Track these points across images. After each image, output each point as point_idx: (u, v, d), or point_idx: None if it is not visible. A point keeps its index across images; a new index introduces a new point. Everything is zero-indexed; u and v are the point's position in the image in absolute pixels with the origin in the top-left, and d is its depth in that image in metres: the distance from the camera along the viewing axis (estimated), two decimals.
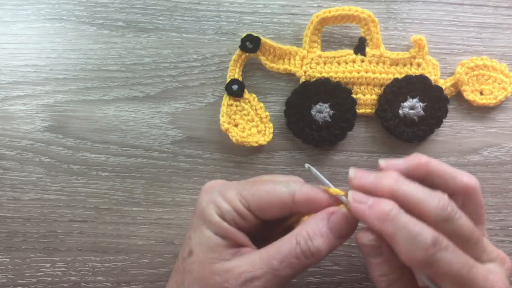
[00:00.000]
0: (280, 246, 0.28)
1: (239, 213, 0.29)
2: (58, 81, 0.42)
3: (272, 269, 0.27)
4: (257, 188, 0.29)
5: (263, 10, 0.43)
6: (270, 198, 0.29)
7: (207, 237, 0.28)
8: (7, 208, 0.42)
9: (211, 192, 0.30)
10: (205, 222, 0.29)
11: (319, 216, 0.29)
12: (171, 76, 0.42)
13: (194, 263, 0.28)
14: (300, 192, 0.29)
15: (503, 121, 0.43)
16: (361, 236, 0.28)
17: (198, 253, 0.28)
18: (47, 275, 0.42)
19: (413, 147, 0.43)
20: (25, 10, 0.42)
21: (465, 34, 0.43)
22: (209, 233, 0.28)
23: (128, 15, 0.42)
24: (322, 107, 0.41)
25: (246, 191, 0.29)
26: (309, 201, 0.29)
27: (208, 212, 0.29)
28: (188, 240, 0.30)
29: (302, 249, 0.28)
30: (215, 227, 0.28)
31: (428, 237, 0.25)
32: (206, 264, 0.28)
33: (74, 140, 0.42)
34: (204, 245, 0.28)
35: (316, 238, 0.28)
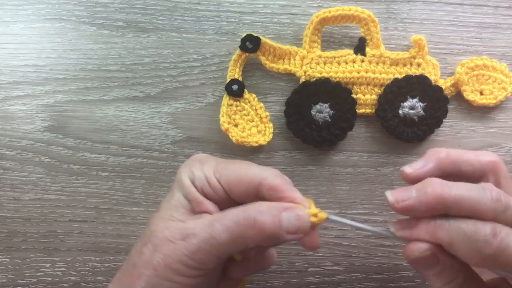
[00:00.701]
0: (227, 211, 0.28)
1: (209, 182, 0.29)
2: (58, 81, 0.42)
3: (211, 230, 0.27)
4: (233, 165, 0.30)
5: (263, 10, 0.43)
6: (239, 176, 0.29)
7: (176, 198, 0.30)
8: (7, 208, 0.42)
9: (192, 160, 0.31)
10: (178, 185, 0.30)
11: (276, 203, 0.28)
12: (171, 76, 0.42)
13: (155, 218, 0.29)
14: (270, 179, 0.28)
15: (503, 121, 0.43)
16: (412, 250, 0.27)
17: (163, 209, 0.30)
18: (47, 275, 0.42)
19: (413, 147, 0.43)
20: (25, 10, 0.42)
21: (465, 34, 0.43)
22: (179, 194, 0.30)
23: (128, 15, 0.42)
24: (322, 107, 0.41)
25: (222, 165, 0.30)
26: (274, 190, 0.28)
27: (183, 176, 0.30)
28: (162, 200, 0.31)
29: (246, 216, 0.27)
30: (184, 190, 0.30)
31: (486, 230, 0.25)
32: (164, 219, 0.29)
33: (74, 140, 0.42)
34: (171, 204, 0.30)
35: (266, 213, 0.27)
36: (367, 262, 0.43)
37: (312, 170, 0.43)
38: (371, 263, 0.43)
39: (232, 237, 0.27)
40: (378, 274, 0.43)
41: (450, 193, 0.26)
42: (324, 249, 0.43)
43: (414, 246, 0.27)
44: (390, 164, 0.43)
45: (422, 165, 0.29)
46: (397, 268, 0.43)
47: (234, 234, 0.27)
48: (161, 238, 0.28)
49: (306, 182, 0.43)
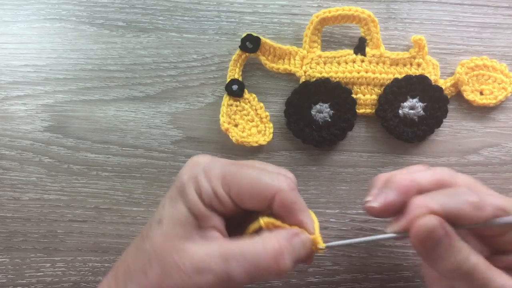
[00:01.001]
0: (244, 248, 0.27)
1: (217, 196, 0.28)
2: (58, 81, 0.42)
3: (228, 268, 0.26)
4: (243, 175, 0.28)
5: (263, 10, 0.43)
6: (251, 189, 0.28)
7: (180, 212, 0.28)
8: (7, 208, 0.42)
9: (196, 168, 0.29)
10: (182, 196, 0.28)
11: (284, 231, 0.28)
12: (171, 76, 0.42)
13: (159, 234, 0.28)
14: (284, 196, 0.28)
15: (503, 121, 0.43)
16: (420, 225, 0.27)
17: (167, 224, 0.28)
18: (47, 275, 0.42)
19: (413, 147, 0.43)
20: (25, 10, 0.42)
21: (465, 34, 0.43)
22: (183, 207, 0.28)
23: (128, 15, 0.42)
24: (322, 107, 0.41)
25: (231, 176, 0.28)
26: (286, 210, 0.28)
27: (188, 188, 0.28)
28: (161, 208, 0.29)
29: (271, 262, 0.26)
30: (190, 204, 0.28)
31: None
32: (170, 238, 0.27)
33: (74, 140, 0.42)
34: (175, 218, 0.28)
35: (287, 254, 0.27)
36: (367, 262, 0.43)
37: (312, 170, 0.43)
38: (371, 263, 0.43)
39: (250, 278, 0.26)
40: (378, 274, 0.43)
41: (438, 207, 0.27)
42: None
43: (422, 221, 0.27)
44: (390, 164, 0.43)
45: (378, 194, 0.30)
46: (397, 268, 0.43)
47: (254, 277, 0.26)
48: (171, 263, 0.26)
49: (306, 182, 0.43)
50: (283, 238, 0.27)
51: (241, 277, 0.26)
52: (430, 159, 0.43)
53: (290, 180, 0.29)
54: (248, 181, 0.28)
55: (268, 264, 0.26)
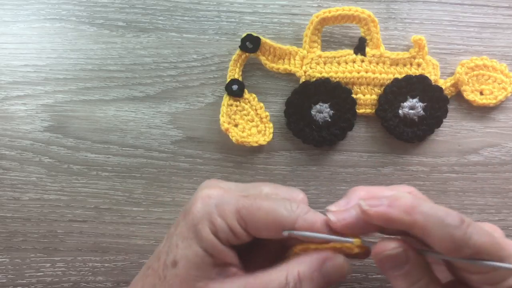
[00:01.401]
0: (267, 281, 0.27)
1: (234, 233, 0.27)
2: (58, 81, 0.42)
3: None
4: (258, 208, 0.27)
5: (263, 10, 0.43)
6: (269, 221, 0.27)
7: (195, 253, 0.27)
8: (7, 208, 0.42)
9: (208, 204, 0.28)
10: (196, 236, 0.27)
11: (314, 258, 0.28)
12: (171, 76, 0.42)
13: (177, 277, 0.27)
14: (303, 221, 0.28)
15: (503, 121, 0.43)
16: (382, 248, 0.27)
17: (182, 267, 0.27)
18: (47, 275, 0.42)
19: (413, 147, 0.43)
20: (25, 10, 0.42)
21: (465, 34, 0.43)
22: (198, 248, 0.27)
23: (128, 15, 0.42)
24: (322, 107, 0.41)
25: (245, 210, 0.27)
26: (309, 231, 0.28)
27: (202, 227, 0.27)
28: (175, 248, 0.28)
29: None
30: (206, 244, 0.27)
31: (455, 216, 0.25)
32: (189, 281, 0.27)
33: (74, 140, 0.42)
34: (191, 260, 0.27)
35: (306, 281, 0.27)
36: (367, 262, 0.43)
37: (312, 170, 0.43)
38: (371, 263, 0.43)
39: None
40: (378, 274, 0.43)
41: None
42: None
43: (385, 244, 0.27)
44: (390, 164, 0.43)
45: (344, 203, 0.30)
46: None
47: None
48: None
49: (306, 182, 0.43)
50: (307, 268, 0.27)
51: None
52: (430, 159, 0.43)
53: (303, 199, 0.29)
54: (265, 215, 0.27)
55: None
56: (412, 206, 0.25)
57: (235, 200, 0.28)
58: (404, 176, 0.43)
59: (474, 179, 0.43)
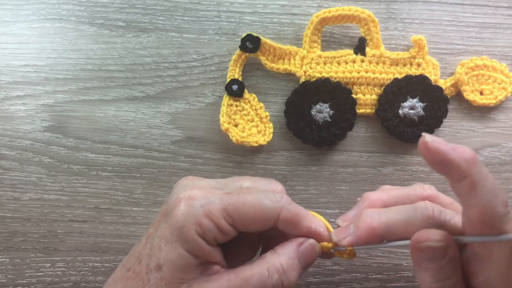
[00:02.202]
0: (250, 276, 0.27)
1: (222, 231, 0.27)
2: (58, 81, 0.42)
3: None
4: (243, 203, 0.27)
5: (263, 10, 0.43)
6: (256, 215, 0.28)
7: (180, 256, 0.27)
8: (7, 208, 0.42)
9: (192, 206, 0.27)
10: (180, 239, 0.27)
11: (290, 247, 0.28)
12: (171, 76, 0.42)
13: (162, 280, 0.27)
14: (287, 212, 0.28)
15: (503, 121, 0.43)
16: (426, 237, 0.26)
17: (167, 270, 0.27)
18: (47, 275, 0.42)
19: (413, 147, 0.43)
20: (25, 10, 0.42)
21: (465, 34, 0.43)
22: (183, 251, 0.27)
23: (128, 15, 0.42)
24: (322, 107, 0.41)
25: (231, 207, 0.27)
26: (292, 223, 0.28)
27: (187, 230, 0.27)
28: (157, 251, 0.27)
29: (275, 283, 0.27)
30: (192, 246, 0.27)
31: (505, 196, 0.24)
32: (174, 283, 0.27)
33: (74, 140, 0.42)
34: (175, 263, 0.27)
35: (290, 271, 0.27)
36: (367, 262, 0.43)
37: (312, 170, 0.43)
38: (371, 263, 0.43)
39: None
40: (378, 274, 0.43)
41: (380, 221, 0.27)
42: None
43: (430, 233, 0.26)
44: (390, 164, 0.43)
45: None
46: (397, 268, 0.43)
47: None
48: None
49: (306, 182, 0.43)
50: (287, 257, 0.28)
51: None
52: None
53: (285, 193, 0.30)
54: (251, 209, 0.27)
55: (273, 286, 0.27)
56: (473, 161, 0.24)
57: (219, 199, 0.28)
58: (404, 176, 0.43)
59: None
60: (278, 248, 0.29)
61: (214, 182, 0.30)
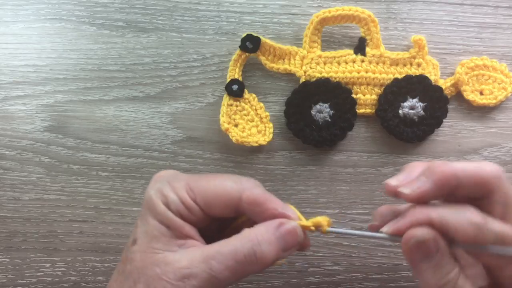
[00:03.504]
0: (222, 246, 0.27)
1: (185, 204, 0.28)
2: (58, 81, 0.42)
3: (210, 269, 0.26)
4: (207, 181, 0.28)
5: (263, 10, 0.43)
6: (217, 192, 0.28)
7: (152, 226, 0.27)
8: (7, 208, 0.42)
9: (160, 181, 0.29)
10: (150, 211, 0.28)
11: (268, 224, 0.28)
12: (171, 76, 0.42)
13: (136, 252, 0.27)
14: (250, 192, 0.28)
15: (503, 121, 0.43)
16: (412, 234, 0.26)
17: (142, 242, 0.27)
18: (47, 275, 0.42)
19: (413, 147, 0.43)
20: (25, 10, 0.42)
21: (465, 34, 0.43)
22: (154, 222, 0.27)
23: (128, 15, 0.42)
24: (322, 107, 0.41)
25: (195, 183, 0.28)
26: (256, 204, 0.28)
27: (154, 200, 0.28)
28: (135, 228, 0.29)
29: (246, 252, 0.26)
30: (160, 216, 0.27)
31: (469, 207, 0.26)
32: (148, 254, 0.27)
33: (74, 140, 0.42)
34: (149, 234, 0.27)
35: (264, 243, 0.27)
36: (367, 262, 0.43)
37: (312, 170, 0.43)
38: (371, 263, 0.43)
39: (234, 274, 0.26)
40: (378, 274, 0.43)
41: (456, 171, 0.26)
42: (324, 249, 0.43)
43: (415, 230, 0.26)
44: (390, 164, 0.43)
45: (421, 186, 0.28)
46: (397, 268, 0.43)
47: (236, 271, 0.26)
48: (153, 277, 0.26)
49: (306, 182, 0.43)
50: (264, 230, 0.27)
51: (224, 275, 0.26)
52: (430, 159, 0.43)
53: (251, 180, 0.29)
54: (213, 188, 0.28)
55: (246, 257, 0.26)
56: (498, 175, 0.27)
57: (186, 177, 0.29)
58: None
59: None
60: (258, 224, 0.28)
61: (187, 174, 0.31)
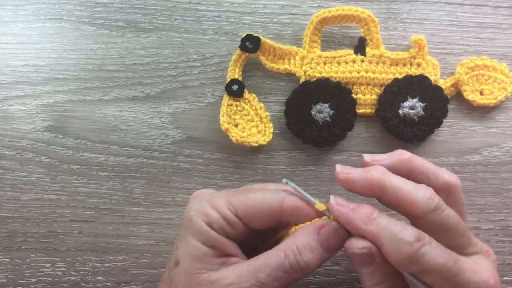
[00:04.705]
0: (268, 258, 0.27)
1: (227, 220, 0.28)
2: (58, 81, 0.42)
3: (259, 282, 0.26)
4: (246, 195, 0.29)
5: (263, 10, 0.43)
6: (258, 205, 0.28)
7: (194, 247, 0.28)
8: (7, 208, 0.42)
9: (199, 200, 0.29)
10: (192, 231, 0.28)
11: (308, 229, 0.28)
12: (171, 76, 0.42)
13: (180, 274, 0.28)
14: (289, 200, 0.29)
15: (503, 121, 0.43)
16: (351, 245, 0.27)
17: (184, 263, 0.28)
18: (47, 275, 0.42)
19: (413, 147, 0.43)
20: (25, 10, 0.42)
21: (465, 34, 0.43)
22: (196, 242, 0.28)
23: (128, 15, 0.42)
24: (322, 107, 0.41)
25: (235, 198, 0.29)
26: (297, 209, 0.29)
27: (196, 221, 0.28)
28: (175, 250, 0.29)
29: (291, 263, 0.27)
30: (202, 236, 0.28)
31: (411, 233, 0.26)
32: (192, 275, 0.27)
33: (74, 140, 0.42)
34: (191, 255, 0.28)
35: (306, 252, 0.27)
36: None
37: (312, 170, 0.43)
38: None
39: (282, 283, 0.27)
40: None
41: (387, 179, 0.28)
42: None
43: (355, 241, 0.27)
44: None
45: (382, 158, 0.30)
46: None
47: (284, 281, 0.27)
48: None
49: (306, 182, 0.43)
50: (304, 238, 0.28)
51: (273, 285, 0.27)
52: (430, 159, 0.43)
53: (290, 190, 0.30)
54: (253, 201, 0.28)
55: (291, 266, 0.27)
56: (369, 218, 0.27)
57: (224, 193, 0.29)
58: None
59: (474, 179, 0.43)
60: (297, 232, 0.29)
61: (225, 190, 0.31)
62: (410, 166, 0.30)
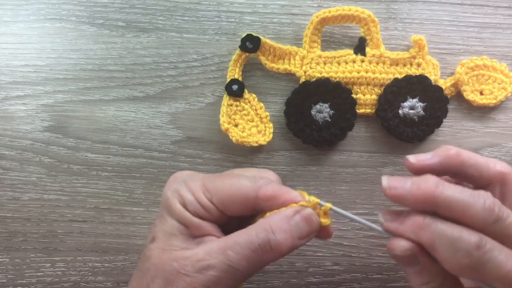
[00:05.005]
0: (237, 236, 0.27)
1: (201, 204, 0.28)
2: (58, 81, 0.42)
3: (227, 259, 0.26)
4: (222, 181, 0.29)
5: (263, 10, 0.43)
6: (232, 192, 0.28)
7: (170, 225, 0.28)
8: (7, 208, 0.42)
9: (176, 181, 0.30)
10: (168, 210, 0.28)
11: (282, 212, 0.28)
12: (171, 76, 0.42)
13: (155, 249, 0.28)
14: (265, 189, 0.28)
15: (503, 121, 0.43)
16: (393, 247, 0.27)
17: (160, 240, 0.28)
18: (47, 275, 0.42)
19: (413, 147, 0.43)
20: (25, 10, 0.42)
21: (465, 34, 0.43)
22: (172, 221, 0.28)
23: (128, 15, 0.42)
24: (322, 107, 0.41)
25: (211, 184, 0.28)
26: (273, 199, 0.28)
27: (172, 201, 0.28)
28: (153, 228, 0.29)
29: (261, 242, 0.27)
30: (177, 216, 0.28)
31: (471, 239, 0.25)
32: (166, 251, 0.27)
33: (74, 140, 0.42)
34: (167, 232, 0.28)
35: (278, 232, 0.27)
36: (367, 262, 0.43)
37: (312, 170, 0.43)
38: (371, 263, 0.43)
39: (251, 264, 0.27)
40: (378, 274, 0.43)
41: (442, 192, 0.26)
42: (324, 249, 0.43)
43: (396, 243, 0.27)
44: (390, 164, 0.43)
45: (428, 157, 0.29)
46: (397, 268, 0.43)
47: (253, 261, 0.27)
48: (171, 271, 0.26)
49: (306, 182, 0.43)
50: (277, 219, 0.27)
51: (242, 265, 0.26)
52: None
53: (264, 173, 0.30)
54: (228, 187, 0.28)
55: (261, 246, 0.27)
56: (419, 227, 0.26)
57: (202, 177, 0.29)
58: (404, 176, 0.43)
59: None
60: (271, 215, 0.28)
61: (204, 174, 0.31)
62: (459, 160, 0.29)
